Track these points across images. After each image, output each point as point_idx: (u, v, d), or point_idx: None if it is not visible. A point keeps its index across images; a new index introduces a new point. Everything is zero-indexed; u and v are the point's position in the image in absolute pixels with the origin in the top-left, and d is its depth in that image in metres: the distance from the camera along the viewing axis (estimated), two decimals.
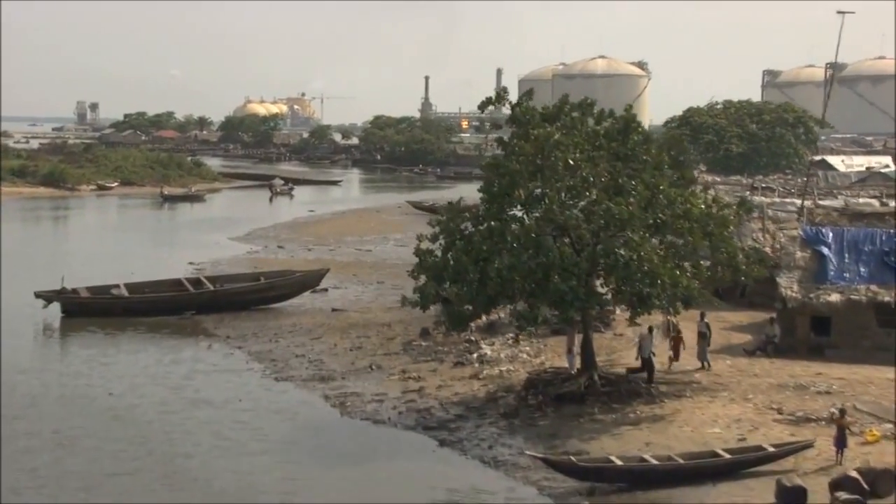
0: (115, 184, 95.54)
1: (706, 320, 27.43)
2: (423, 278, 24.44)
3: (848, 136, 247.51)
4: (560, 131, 24.27)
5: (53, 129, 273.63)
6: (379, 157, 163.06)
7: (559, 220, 23.44)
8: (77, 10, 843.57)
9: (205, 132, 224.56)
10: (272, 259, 50.55)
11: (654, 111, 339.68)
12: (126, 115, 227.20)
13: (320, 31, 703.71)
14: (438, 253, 24.82)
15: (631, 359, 26.60)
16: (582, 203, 23.93)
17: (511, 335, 30.29)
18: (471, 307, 23.93)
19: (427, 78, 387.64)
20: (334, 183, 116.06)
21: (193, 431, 23.38)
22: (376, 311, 37.02)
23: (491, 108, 26.41)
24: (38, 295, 35.66)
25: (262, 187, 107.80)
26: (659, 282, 22.81)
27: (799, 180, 64.25)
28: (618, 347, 29.47)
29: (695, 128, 56.87)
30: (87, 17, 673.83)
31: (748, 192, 48.39)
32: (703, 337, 27.10)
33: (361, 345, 31.58)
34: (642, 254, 22.74)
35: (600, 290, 24.27)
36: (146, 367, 29.41)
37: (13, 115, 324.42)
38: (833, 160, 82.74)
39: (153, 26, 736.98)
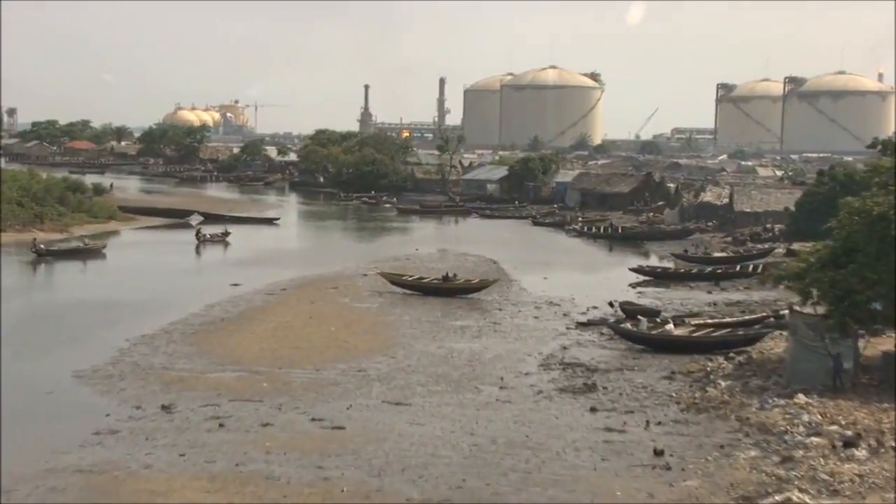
0: None
1: None
2: None
3: (814, 155, 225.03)
4: None
5: None
6: (322, 179, 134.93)
7: None
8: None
9: (123, 143, 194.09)
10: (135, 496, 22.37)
11: (608, 125, 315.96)
12: (35, 124, 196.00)
13: (256, 37, 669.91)
14: None
15: None
16: None
17: None
18: None
19: (367, 87, 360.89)
20: (270, 222, 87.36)
21: None
22: None
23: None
24: None
25: (177, 227, 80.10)
26: None
27: None
28: None
29: None
30: (11, 16, 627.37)
31: None
32: None
33: None
34: None
35: None
36: None
37: None
38: None
39: (81, 27, 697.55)
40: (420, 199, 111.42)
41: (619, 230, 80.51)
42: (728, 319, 40.50)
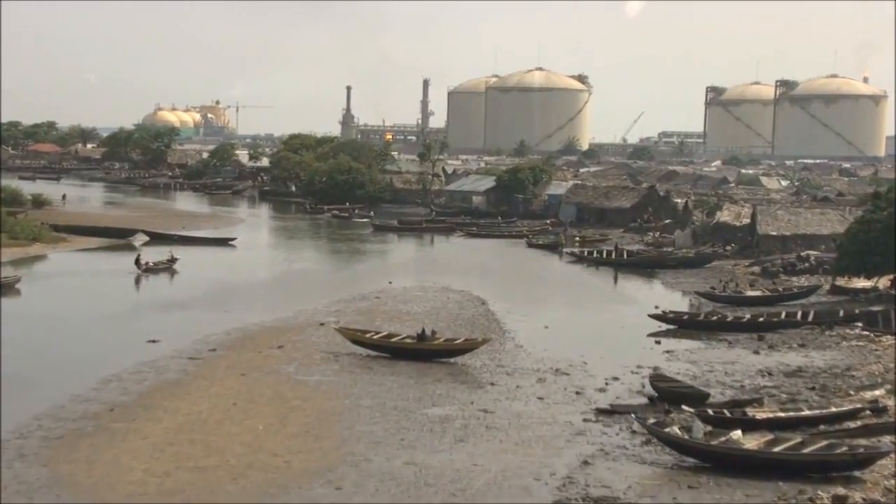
0: None
1: None
2: None
3: (811, 161, 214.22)
4: None
5: None
6: (294, 187, 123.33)
7: None
8: None
9: (89, 146, 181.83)
10: None
11: (596, 128, 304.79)
12: None
13: (239, 37, 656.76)
14: None
15: None
16: None
17: None
18: None
19: (349, 88, 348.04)
20: (226, 242, 75.32)
21: None
22: None
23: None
24: None
25: (117, 249, 68.95)
26: None
27: None
28: None
29: None
30: None
31: None
32: None
33: None
34: None
35: None
36: None
37: None
38: None
39: (64, 27, 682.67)
40: (399, 212, 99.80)
41: (625, 255, 69.02)
42: (807, 413, 29.05)
